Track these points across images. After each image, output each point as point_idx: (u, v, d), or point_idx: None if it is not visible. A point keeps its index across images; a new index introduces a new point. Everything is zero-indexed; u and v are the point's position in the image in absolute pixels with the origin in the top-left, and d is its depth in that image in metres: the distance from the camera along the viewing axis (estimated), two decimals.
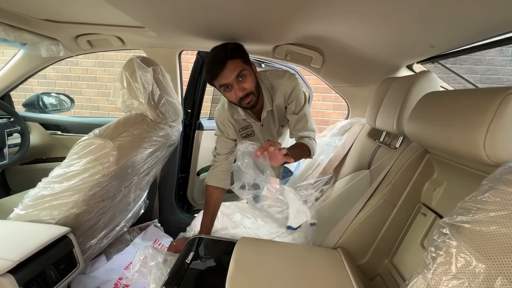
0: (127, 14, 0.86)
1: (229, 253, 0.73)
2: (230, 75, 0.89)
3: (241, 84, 0.91)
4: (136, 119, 1.00)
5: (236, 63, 0.90)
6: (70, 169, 0.87)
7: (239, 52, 0.92)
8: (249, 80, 0.93)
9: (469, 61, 1.06)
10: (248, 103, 0.95)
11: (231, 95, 0.94)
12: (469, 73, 1.12)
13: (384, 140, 1.11)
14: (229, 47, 0.91)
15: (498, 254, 0.40)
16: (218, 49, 0.92)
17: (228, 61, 0.88)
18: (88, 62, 3.07)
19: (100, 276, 1.23)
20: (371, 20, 0.79)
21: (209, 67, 0.91)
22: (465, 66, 1.10)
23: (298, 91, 1.05)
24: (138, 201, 1.36)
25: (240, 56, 0.91)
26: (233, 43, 0.94)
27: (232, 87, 0.92)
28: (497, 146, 0.46)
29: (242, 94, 0.92)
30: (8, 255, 0.68)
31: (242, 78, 0.91)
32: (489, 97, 0.47)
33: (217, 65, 0.88)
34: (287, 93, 1.05)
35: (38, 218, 0.88)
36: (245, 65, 0.92)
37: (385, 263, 0.82)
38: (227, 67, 0.88)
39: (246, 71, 0.92)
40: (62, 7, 0.99)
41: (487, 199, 0.43)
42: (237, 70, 0.89)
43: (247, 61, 0.94)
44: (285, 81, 1.05)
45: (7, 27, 1.02)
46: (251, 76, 0.94)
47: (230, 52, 0.89)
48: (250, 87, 0.93)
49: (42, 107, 1.72)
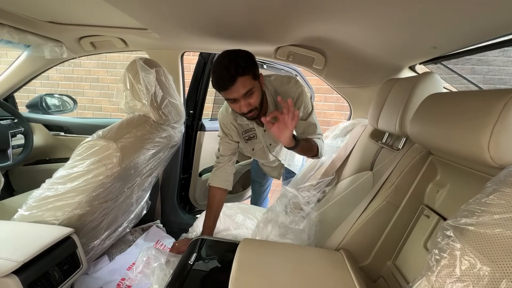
0: (130, 16, 0.87)
1: (232, 254, 0.73)
2: (238, 93, 0.87)
3: (247, 100, 0.89)
4: (139, 121, 1.00)
5: (246, 80, 0.86)
6: (73, 170, 0.87)
7: (250, 66, 0.88)
8: (256, 96, 0.91)
9: (471, 61, 1.06)
10: (251, 116, 0.95)
11: (236, 106, 0.92)
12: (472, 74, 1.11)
13: (387, 142, 1.11)
14: (241, 62, 0.85)
15: (502, 257, 0.40)
16: (230, 61, 0.85)
17: (239, 78, 0.84)
18: (91, 63, 3.09)
19: (103, 276, 1.23)
20: (373, 21, 0.79)
21: (218, 79, 0.87)
22: (467, 66, 1.10)
23: (305, 97, 1.04)
24: (141, 202, 1.36)
25: (251, 71, 0.87)
26: (244, 53, 0.89)
27: (238, 101, 0.90)
28: (502, 148, 0.46)
29: (247, 109, 0.90)
30: (13, 256, 0.69)
31: (250, 94, 0.89)
32: (494, 99, 0.47)
33: (226, 80, 0.85)
34: (293, 99, 1.02)
35: (42, 219, 0.89)
36: (254, 82, 0.89)
37: (388, 265, 0.82)
38: (236, 84, 0.85)
39: (254, 88, 0.89)
40: (66, 9, 1.00)
41: (492, 201, 0.43)
42: (246, 88, 0.86)
43: (256, 75, 0.91)
44: (290, 88, 1.03)
45: (12, 29, 1.03)
46: (258, 92, 0.92)
47: (242, 69, 0.85)
48: (255, 103, 0.91)
49: (45, 108, 1.73)
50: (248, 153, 1.23)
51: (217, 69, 0.88)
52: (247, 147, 1.19)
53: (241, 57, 0.87)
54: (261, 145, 1.19)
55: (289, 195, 1.26)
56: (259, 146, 1.20)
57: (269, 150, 1.23)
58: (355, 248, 0.84)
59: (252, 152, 1.22)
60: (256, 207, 1.52)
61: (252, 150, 1.21)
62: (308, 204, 1.24)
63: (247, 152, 1.23)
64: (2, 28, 0.99)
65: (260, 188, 1.67)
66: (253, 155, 1.26)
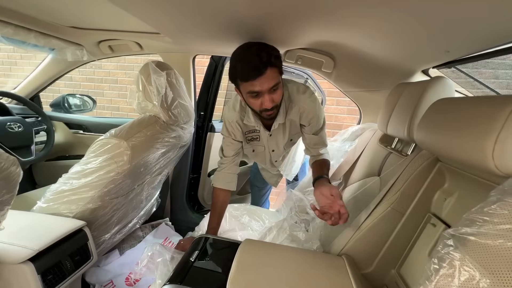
0: (143, 21, 0.91)
1: (233, 254, 0.74)
2: (266, 85, 0.80)
3: (272, 96, 0.84)
4: (149, 121, 1.04)
5: (275, 72, 0.81)
6: (87, 166, 0.92)
7: (280, 59, 0.83)
8: (279, 93, 0.86)
9: (490, 65, 1.01)
10: (270, 115, 0.90)
11: (257, 102, 0.86)
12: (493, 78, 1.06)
13: (396, 147, 1.08)
14: (273, 51, 0.81)
15: (503, 270, 0.39)
16: (260, 49, 0.79)
17: (269, 68, 0.78)
18: (111, 65, 3.24)
19: (113, 269, 1.29)
20: (383, 25, 0.78)
21: (244, 67, 0.80)
22: (486, 71, 1.05)
23: (319, 112, 1.01)
24: (151, 200, 1.41)
25: (279, 64, 0.83)
26: (271, 46, 0.83)
27: (261, 95, 0.84)
28: (507, 156, 0.44)
29: (270, 106, 0.85)
30: (29, 244, 0.74)
31: (275, 90, 0.84)
32: (499, 105, 0.46)
33: (256, 70, 0.78)
34: (304, 111, 1.01)
35: (58, 211, 0.94)
36: (280, 77, 0.85)
37: (392, 273, 0.80)
38: (266, 75, 0.78)
39: (279, 84, 0.84)
40: (86, 16, 1.06)
41: (494, 211, 0.41)
42: (274, 81, 0.81)
43: (281, 72, 0.87)
44: (305, 99, 0.99)
45: (38, 33, 1.11)
46: (281, 89, 0.88)
47: (274, 58, 0.79)
48: (278, 100, 0.87)
49: (67, 108, 1.84)
50: (249, 154, 1.22)
51: (244, 56, 0.81)
52: (248, 148, 1.18)
53: (271, 47, 0.83)
54: (263, 148, 1.18)
55: (295, 198, 1.26)
56: (260, 149, 1.19)
57: (271, 156, 1.22)
58: (358, 254, 0.82)
59: (253, 153, 1.21)
60: (263, 209, 1.52)
61: (253, 151, 1.20)
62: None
63: (247, 153, 1.22)
64: (30, 33, 1.08)
65: (259, 192, 1.67)
66: (253, 157, 1.25)
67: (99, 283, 1.21)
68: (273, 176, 1.42)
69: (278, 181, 1.44)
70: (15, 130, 1.31)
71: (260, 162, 1.31)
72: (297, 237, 0.98)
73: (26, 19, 1.02)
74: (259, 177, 1.58)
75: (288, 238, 0.98)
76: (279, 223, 1.06)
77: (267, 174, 1.44)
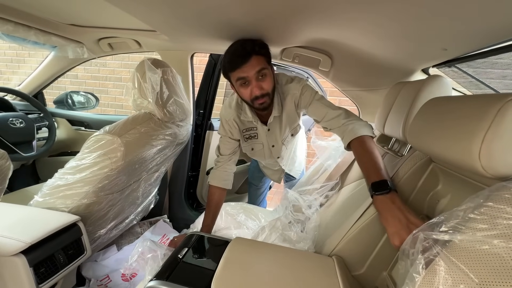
0: (138, 19, 0.92)
1: (222, 251, 0.74)
2: (252, 70, 0.87)
3: (259, 83, 0.89)
4: (144, 118, 1.05)
5: (260, 59, 0.88)
6: (82, 162, 0.94)
7: (266, 49, 0.91)
8: (268, 80, 0.91)
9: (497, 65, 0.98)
10: (261, 103, 0.93)
11: (246, 91, 0.91)
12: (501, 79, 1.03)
13: (394, 147, 1.06)
14: (258, 41, 0.89)
15: (485, 274, 0.37)
16: (245, 41, 0.89)
17: (253, 55, 0.86)
18: (115, 63, 3.28)
19: (110, 265, 1.30)
20: (380, 23, 0.77)
21: (231, 57, 0.88)
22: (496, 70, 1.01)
23: (307, 87, 1.02)
24: (148, 196, 1.42)
25: (266, 54, 0.90)
26: (260, 40, 0.92)
27: (249, 83, 0.89)
28: (494, 157, 0.42)
29: (259, 93, 0.89)
30: (22, 237, 0.75)
31: (262, 77, 0.89)
32: (487, 104, 0.44)
33: (241, 57, 0.86)
34: (297, 97, 1.03)
35: (54, 206, 0.96)
36: (267, 65, 0.91)
37: (383, 275, 0.78)
38: (250, 61, 0.86)
39: (267, 71, 0.90)
40: (85, 13, 1.07)
41: (475, 216, 0.40)
42: (259, 66, 0.87)
43: (269, 61, 0.92)
44: (294, 85, 1.03)
45: (38, 31, 1.13)
46: (271, 77, 0.92)
47: (258, 47, 0.87)
48: (268, 88, 0.91)
49: (70, 105, 1.87)
50: (247, 152, 1.23)
51: (231, 48, 0.90)
52: (246, 146, 1.19)
53: (257, 40, 0.91)
54: (261, 146, 1.18)
55: (291, 198, 1.25)
56: (259, 146, 1.19)
57: (271, 152, 1.22)
58: (349, 256, 0.81)
59: (252, 152, 1.21)
60: (259, 208, 1.52)
61: (252, 150, 1.20)
62: (309, 208, 1.22)
63: (246, 151, 1.23)
64: (30, 30, 1.10)
65: (257, 191, 1.66)
66: (252, 155, 1.26)
67: (95, 277, 1.23)
68: (275, 172, 1.42)
69: (281, 177, 1.44)
70: (17, 125, 1.34)
71: (260, 159, 1.31)
72: (289, 237, 0.97)
73: (26, 17, 1.04)
74: (256, 176, 1.58)
75: (280, 237, 0.97)
76: (272, 222, 1.05)
77: (269, 171, 1.44)
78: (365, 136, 0.83)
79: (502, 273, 0.35)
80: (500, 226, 0.37)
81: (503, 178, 0.44)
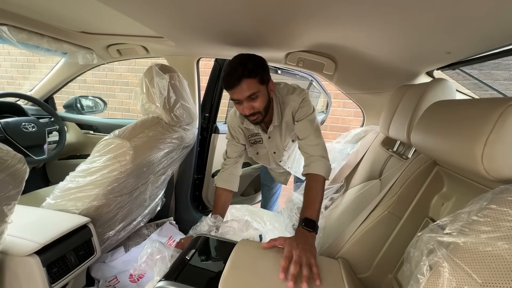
0: (146, 26, 0.95)
1: (229, 253, 0.75)
2: (242, 94, 0.89)
3: (250, 103, 0.91)
4: (152, 122, 1.08)
5: (251, 83, 0.88)
6: (92, 165, 0.96)
7: (257, 70, 0.89)
8: (260, 100, 0.92)
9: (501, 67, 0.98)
10: (254, 120, 0.97)
11: (240, 108, 0.95)
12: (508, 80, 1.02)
13: (398, 150, 1.06)
14: (249, 65, 0.88)
15: (488, 277, 0.38)
16: (237, 63, 0.89)
17: (244, 80, 0.87)
18: (122, 68, 3.35)
19: (118, 266, 1.33)
20: (384, 27, 0.78)
21: (225, 78, 0.91)
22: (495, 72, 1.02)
23: (305, 102, 1.03)
24: (155, 199, 1.44)
25: (258, 75, 0.89)
26: (256, 57, 0.92)
27: (241, 103, 0.93)
28: (496, 160, 0.43)
29: (249, 112, 0.93)
30: (36, 238, 0.78)
31: (254, 98, 0.91)
32: (490, 107, 0.45)
33: (232, 80, 0.88)
34: (295, 108, 1.04)
35: (65, 208, 0.99)
36: (260, 86, 0.91)
37: (389, 278, 0.79)
38: (241, 85, 0.88)
39: (259, 93, 0.91)
40: (95, 21, 1.11)
41: (479, 218, 0.41)
42: (250, 91, 0.89)
43: (263, 80, 0.92)
44: (294, 97, 1.04)
45: (50, 39, 1.17)
46: (263, 97, 0.93)
47: (248, 71, 0.87)
48: (259, 107, 0.93)
49: (79, 109, 1.92)
50: (253, 156, 1.25)
51: (226, 68, 0.93)
52: (251, 151, 1.22)
53: (251, 60, 0.90)
54: (265, 150, 1.21)
55: (296, 200, 1.26)
56: (264, 151, 1.22)
57: (274, 158, 1.24)
58: (355, 258, 0.81)
59: (257, 156, 1.24)
60: (264, 211, 1.53)
61: (257, 154, 1.23)
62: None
63: (251, 155, 1.25)
64: (42, 38, 1.14)
65: (269, 191, 1.68)
66: (258, 159, 1.28)
67: (104, 278, 1.25)
68: (281, 174, 1.44)
69: (287, 179, 1.46)
70: (29, 130, 1.38)
71: (265, 163, 1.33)
72: None
73: (39, 25, 1.08)
74: (268, 176, 1.60)
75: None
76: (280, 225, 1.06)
77: (275, 173, 1.47)
78: (321, 177, 0.95)
79: (505, 275, 0.36)
80: (503, 228, 0.38)
81: (506, 181, 0.45)
